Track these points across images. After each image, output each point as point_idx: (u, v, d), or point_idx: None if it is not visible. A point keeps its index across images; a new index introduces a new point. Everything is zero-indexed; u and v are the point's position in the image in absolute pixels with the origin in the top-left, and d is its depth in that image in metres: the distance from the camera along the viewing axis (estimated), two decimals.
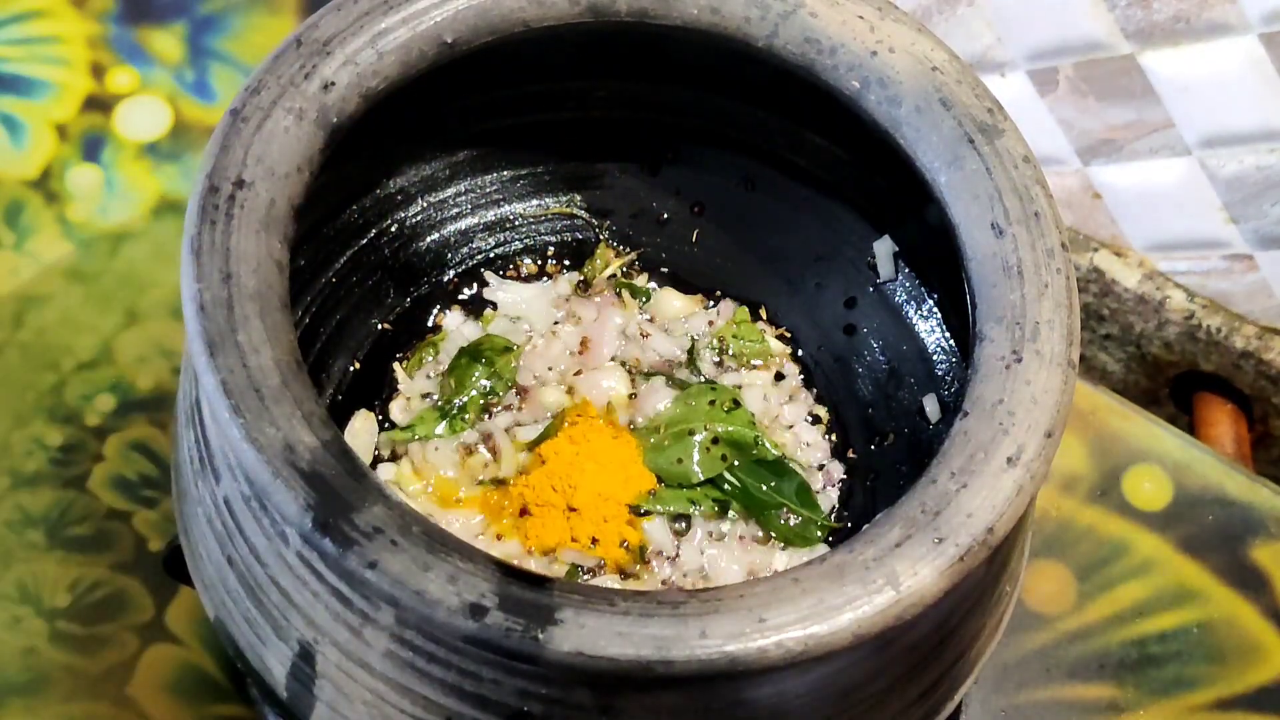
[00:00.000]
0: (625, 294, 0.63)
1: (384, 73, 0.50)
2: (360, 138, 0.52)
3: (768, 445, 0.59)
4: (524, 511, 0.57)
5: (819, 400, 0.61)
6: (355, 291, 0.60)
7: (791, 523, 0.58)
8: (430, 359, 0.61)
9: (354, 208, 0.59)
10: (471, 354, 0.60)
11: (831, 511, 0.59)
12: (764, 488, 0.58)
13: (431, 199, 0.61)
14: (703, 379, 0.61)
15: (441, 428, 0.59)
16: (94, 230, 0.70)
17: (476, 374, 0.60)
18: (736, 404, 0.60)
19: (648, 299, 0.63)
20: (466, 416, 0.59)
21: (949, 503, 0.44)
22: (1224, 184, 0.80)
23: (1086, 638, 0.65)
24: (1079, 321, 0.49)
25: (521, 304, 0.62)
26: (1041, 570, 0.66)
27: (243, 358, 0.44)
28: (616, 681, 0.43)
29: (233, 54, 0.76)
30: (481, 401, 0.59)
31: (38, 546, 0.63)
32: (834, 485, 0.60)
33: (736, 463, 0.59)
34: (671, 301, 0.63)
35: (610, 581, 0.56)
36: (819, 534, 0.58)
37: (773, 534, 0.58)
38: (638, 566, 0.57)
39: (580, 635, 0.41)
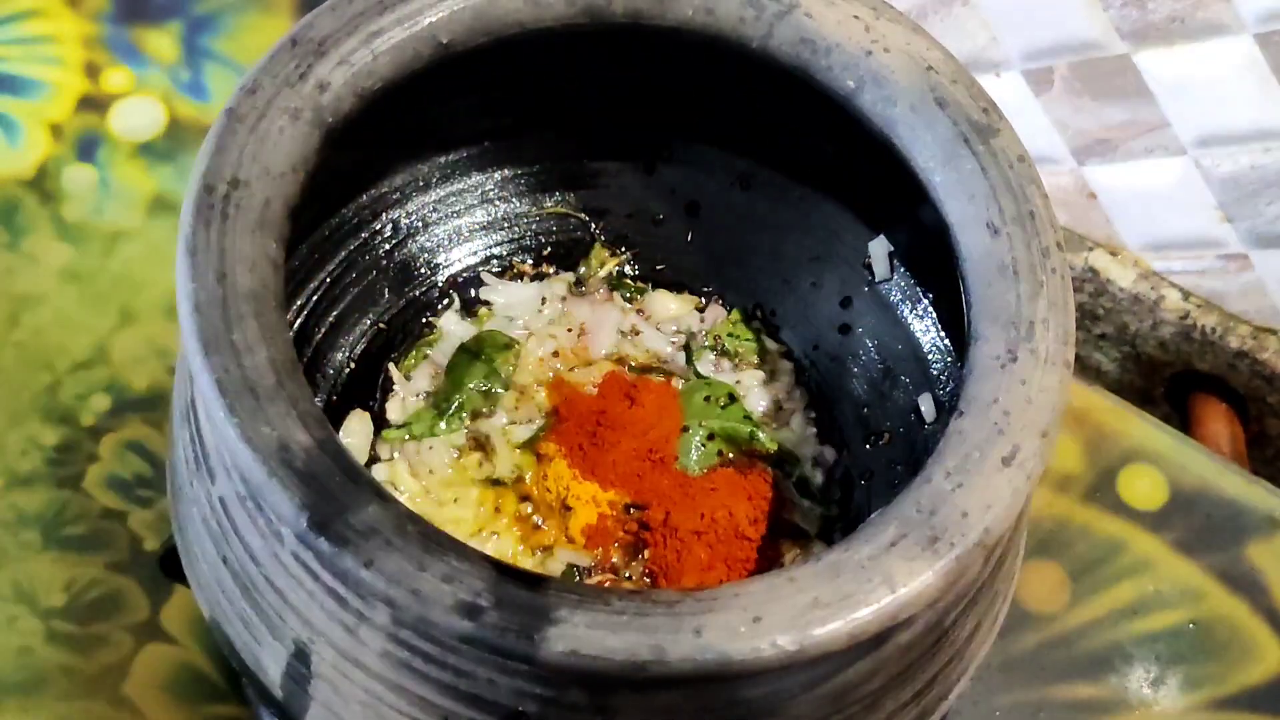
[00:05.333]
0: (620, 294, 0.63)
1: (379, 73, 0.50)
2: (355, 137, 0.52)
3: (763, 439, 0.59)
4: (519, 511, 0.57)
5: (814, 400, 0.61)
6: (350, 291, 0.60)
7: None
8: (426, 359, 0.61)
9: (349, 207, 0.59)
10: (471, 351, 0.60)
11: (827, 511, 0.59)
12: None
13: (427, 199, 0.61)
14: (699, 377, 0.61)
15: (440, 426, 0.59)
16: (89, 230, 0.70)
17: (475, 371, 0.60)
18: (732, 399, 0.60)
19: (642, 297, 0.63)
20: (464, 415, 0.59)
21: (944, 502, 0.44)
22: (1219, 183, 0.80)
23: (1081, 637, 0.65)
24: (1074, 321, 0.49)
25: (517, 303, 0.62)
26: (1036, 570, 0.66)
27: (238, 357, 0.44)
28: (611, 681, 0.43)
29: (228, 54, 0.76)
30: (480, 399, 0.59)
31: (33, 546, 0.62)
32: (829, 484, 0.60)
33: (732, 457, 0.59)
34: (667, 303, 0.63)
35: (605, 581, 0.56)
36: (820, 523, 0.58)
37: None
38: (633, 565, 0.57)
39: (575, 635, 0.41)
